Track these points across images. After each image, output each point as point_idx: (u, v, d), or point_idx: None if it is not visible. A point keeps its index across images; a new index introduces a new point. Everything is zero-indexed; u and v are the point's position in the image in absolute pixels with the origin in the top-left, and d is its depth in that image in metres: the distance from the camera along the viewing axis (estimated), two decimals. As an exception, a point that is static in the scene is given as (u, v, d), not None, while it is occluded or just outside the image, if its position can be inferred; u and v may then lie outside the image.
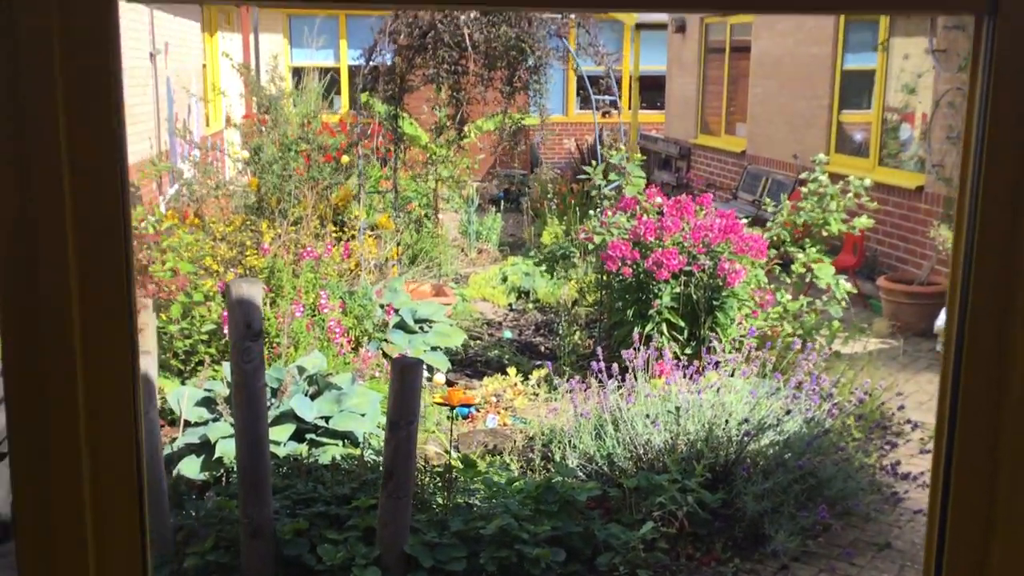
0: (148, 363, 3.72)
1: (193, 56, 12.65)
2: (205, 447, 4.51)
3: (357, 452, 4.64)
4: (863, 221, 6.27)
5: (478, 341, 7.37)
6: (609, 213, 6.49)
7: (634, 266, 5.97)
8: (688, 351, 5.84)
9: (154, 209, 6.81)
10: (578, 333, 7.06)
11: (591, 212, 7.11)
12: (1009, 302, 1.19)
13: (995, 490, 1.26)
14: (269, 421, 4.67)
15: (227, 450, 4.32)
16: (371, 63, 7.36)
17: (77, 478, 1.13)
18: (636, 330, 5.74)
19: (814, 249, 6.20)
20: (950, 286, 1.25)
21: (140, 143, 9.47)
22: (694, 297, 5.88)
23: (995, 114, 1.14)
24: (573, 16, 7.38)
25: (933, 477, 1.34)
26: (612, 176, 7.03)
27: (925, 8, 1.25)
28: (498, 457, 5.14)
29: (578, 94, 17.05)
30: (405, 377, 3.56)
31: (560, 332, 7.06)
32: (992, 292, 1.19)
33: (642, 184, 6.65)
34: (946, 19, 8.02)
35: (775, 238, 6.36)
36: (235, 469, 3.97)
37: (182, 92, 11.53)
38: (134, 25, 9.59)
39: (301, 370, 5.09)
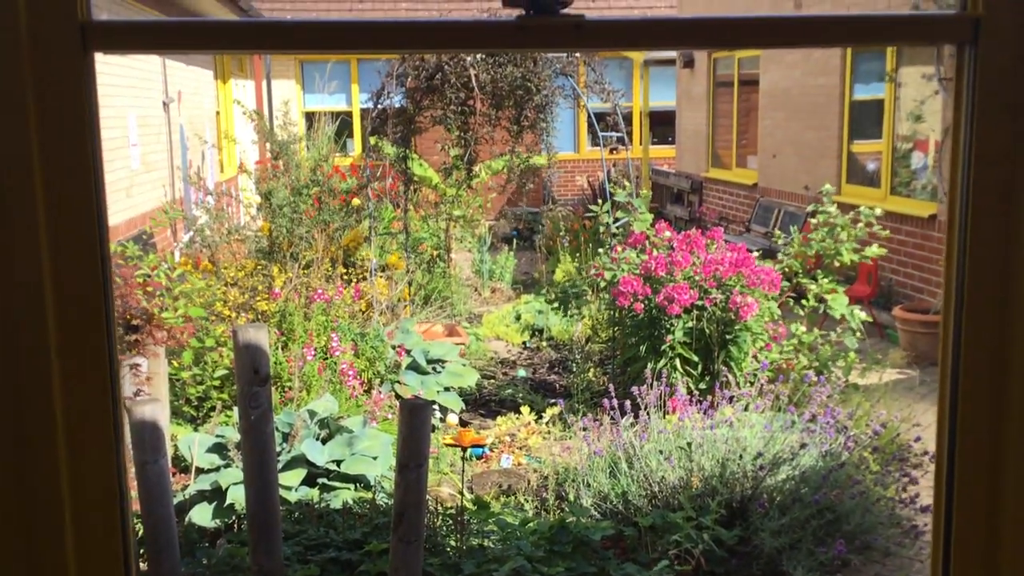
0: (158, 411, 3.71)
1: (206, 104, 12.82)
2: (217, 494, 4.48)
3: (369, 496, 4.60)
4: (875, 250, 6.23)
5: (492, 380, 7.34)
6: (619, 249, 6.49)
7: (646, 301, 5.94)
8: (702, 386, 5.79)
9: (166, 257, 6.86)
10: (592, 370, 7.02)
11: (601, 249, 7.11)
12: (1003, 324, 1.17)
13: (998, 512, 1.23)
14: (280, 466, 4.65)
15: (238, 497, 4.30)
16: (379, 106, 7.42)
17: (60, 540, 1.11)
18: (649, 366, 5.70)
19: (827, 280, 6.16)
20: (943, 312, 1.23)
21: (155, 191, 9.58)
22: (707, 331, 5.85)
23: (980, 141, 1.13)
24: (579, 54, 7.43)
25: (935, 508, 1.31)
26: (619, 213, 7.03)
27: (909, 39, 1.24)
28: (512, 497, 5.10)
29: (589, 131, 17.14)
30: (413, 419, 3.53)
31: (574, 369, 7.03)
32: (985, 317, 1.17)
33: (649, 220, 6.65)
34: (952, 48, 8.03)
35: (787, 270, 6.33)
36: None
37: (196, 139, 11.67)
38: (147, 75, 9.74)
39: (312, 414, 5.08)
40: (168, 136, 10.39)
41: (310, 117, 15.90)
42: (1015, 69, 1.10)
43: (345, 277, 8.43)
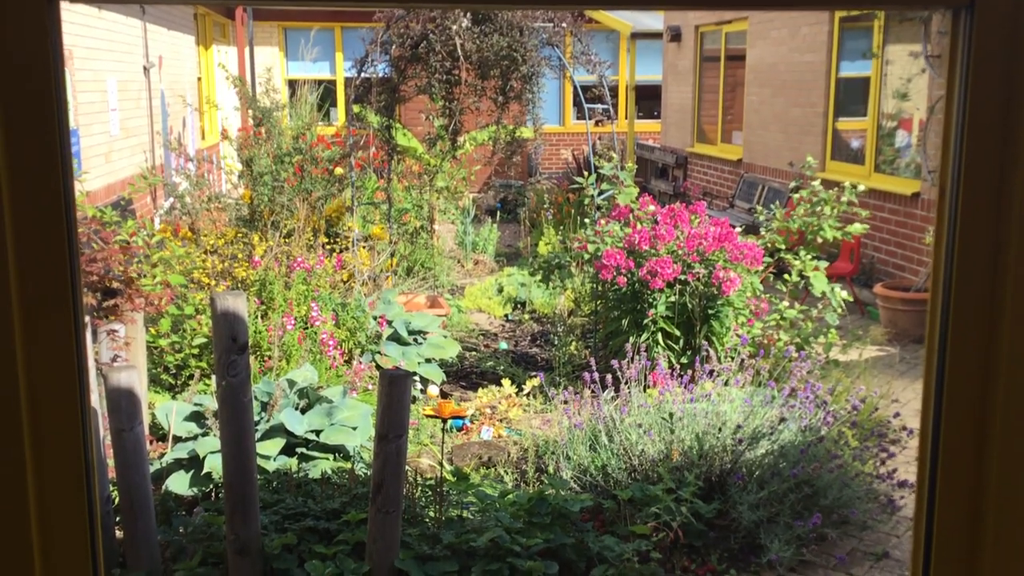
0: (134, 377, 3.67)
1: (188, 69, 12.65)
2: (194, 462, 4.46)
3: (348, 466, 4.59)
4: (857, 228, 6.23)
5: (473, 352, 7.32)
6: (603, 222, 6.46)
7: (629, 275, 5.92)
8: (683, 360, 5.79)
9: (145, 223, 6.78)
10: (574, 343, 7.01)
11: (586, 221, 7.08)
12: (993, 300, 1.15)
13: (982, 494, 1.21)
14: (259, 435, 4.62)
15: (216, 465, 4.27)
16: (363, 74, 7.33)
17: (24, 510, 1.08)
18: (631, 340, 5.70)
19: (809, 257, 6.16)
20: (932, 285, 1.21)
21: (135, 156, 9.46)
22: (689, 306, 5.84)
23: (974, 107, 1.10)
24: (566, 25, 7.35)
25: (919, 482, 1.30)
26: (604, 186, 7.00)
27: (906, 3, 1.21)
28: (492, 469, 5.10)
29: (574, 104, 17.06)
30: (393, 390, 3.51)
31: (556, 343, 7.02)
32: (976, 290, 1.15)
33: (634, 193, 6.62)
34: (940, 24, 8.01)
35: (769, 245, 6.32)
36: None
37: (176, 105, 11.52)
38: (128, 38, 9.59)
39: (291, 383, 5.04)
40: (148, 101, 10.25)
41: (293, 85, 15.74)
42: (1012, 35, 1.07)
43: (328, 247, 8.37)
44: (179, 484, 4.38)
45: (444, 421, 4.41)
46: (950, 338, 1.17)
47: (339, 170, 9.13)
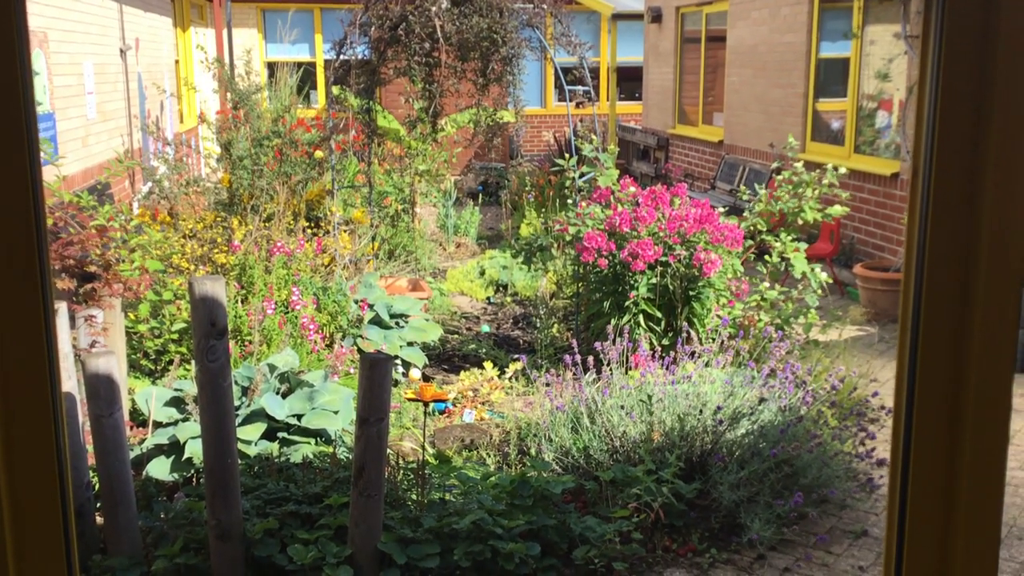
0: (112, 363, 3.65)
1: (165, 52, 12.52)
2: (174, 448, 4.44)
3: (329, 450, 4.58)
4: (837, 209, 6.26)
5: (455, 335, 7.32)
6: (584, 204, 6.45)
7: (610, 257, 5.93)
8: (665, 342, 5.81)
9: (123, 208, 6.72)
10: (556, 326, 7.02)
11: (567, 203, 7.07)
12: (966, 279, 1.16)
13: (955, 471, 1.22)
14: (240, 420, 4.61)
15: (196, 450, 4.26)
16: (342, 56, 7.27)
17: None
18: (612, 322, 5.71)
19: (790, 238, 6.18)
20: (905, 264, 1.21)
21: (112, 140, 9.37)
22: (670, 288, 5.85)
23: (947, 88, 1.10)
24: (546, 6, 7.31)
25: (892, 460, 1.31)
26: (586, 168, 6.99)
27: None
28: (474, 452, 5.10)
29: (556, 86, 17.02)
30: (374, 373, 3.51)
31: (538, 325, 7.03)
32: (949, 269, 1.15)
33: (615, 175, 6.61)
34: (919, 4, 8.02)
35: (751, 227, 6.33)
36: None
37: (154, 88, 11.41)
38: (104, 20, 9.48)
39: (272, 368, 5.02)
40: (125, 84, 10.15)
41: (272, 67, 15.62)
42: (984, 16, 1.07)
43: (308, 231, 8.33)
44: (160, 470, 4.36)
45: (426, 404, 4.40)
46: (923, 317, 1.18)
47: (319, 153, 9.08)
